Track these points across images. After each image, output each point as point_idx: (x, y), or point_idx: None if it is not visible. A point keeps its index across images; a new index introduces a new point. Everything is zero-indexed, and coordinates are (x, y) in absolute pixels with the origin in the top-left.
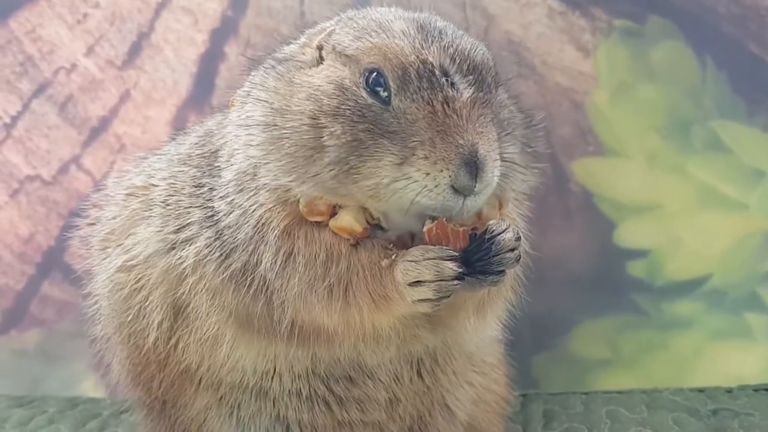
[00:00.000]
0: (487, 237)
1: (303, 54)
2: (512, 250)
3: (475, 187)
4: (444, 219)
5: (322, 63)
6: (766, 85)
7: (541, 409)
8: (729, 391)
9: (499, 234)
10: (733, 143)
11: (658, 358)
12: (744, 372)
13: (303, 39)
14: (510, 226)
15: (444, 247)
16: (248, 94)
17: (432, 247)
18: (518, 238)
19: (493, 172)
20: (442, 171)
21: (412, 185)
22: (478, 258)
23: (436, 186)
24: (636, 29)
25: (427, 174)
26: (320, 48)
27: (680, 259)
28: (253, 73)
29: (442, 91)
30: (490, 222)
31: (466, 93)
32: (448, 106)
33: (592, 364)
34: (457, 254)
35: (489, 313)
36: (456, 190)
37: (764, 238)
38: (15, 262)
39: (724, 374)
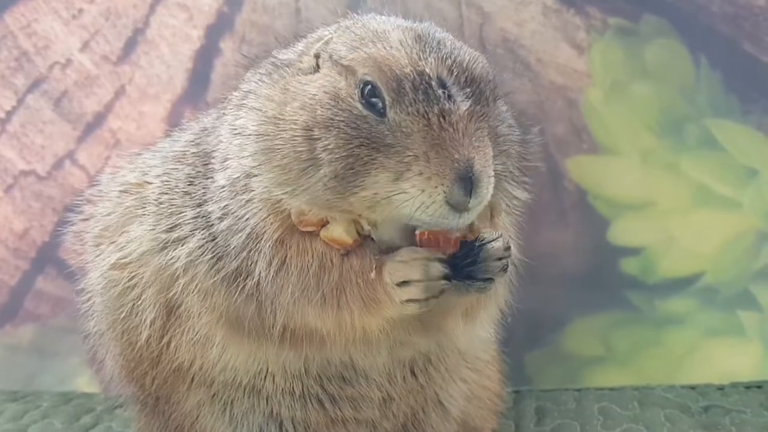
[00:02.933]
0: (477, 244)
1: (300, 62)
2: (500, 259)
3: (469, 202)
4: None
5: (318, 71)
6: (760, 84)
7: (533, 405)
8: (721, 388)
9: (489, 242)
10: (726, 142)
11: (651, 355)
12: (736, 369)
13: (301, 46)
14: (501, 236)
15: (433, 250)
16: (243, 100)
17: (420, 248)
18: (507, 248)
19: (487, 188)
20: (437, 187)
21: (408, 201)
22: (465, 264)
23: (432, 203)
24: (630, 27)
25: (423, 190)
26: (317, 56)
27: (673, 257)
28: (248, 76)
29: (438, 104)
30: (483, 230)
31: (464, 106)
32: (444, 120)
33: (585, 360)
34: (444, 257)
35: (480, 316)
36: (451, 205)
37: (757, 236)
38: (9, 257)
39: (716, 371)
